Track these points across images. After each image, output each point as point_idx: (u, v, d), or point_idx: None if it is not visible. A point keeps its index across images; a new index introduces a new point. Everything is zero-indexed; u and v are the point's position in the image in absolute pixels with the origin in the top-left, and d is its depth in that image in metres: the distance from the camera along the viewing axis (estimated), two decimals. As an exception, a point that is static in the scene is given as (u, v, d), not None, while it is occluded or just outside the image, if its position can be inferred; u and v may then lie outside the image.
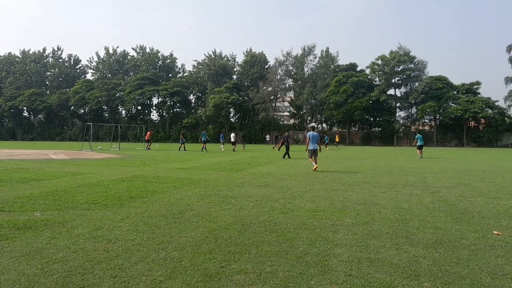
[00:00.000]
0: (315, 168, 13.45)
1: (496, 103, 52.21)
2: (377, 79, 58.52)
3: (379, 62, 57.06)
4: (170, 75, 77.49)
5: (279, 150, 29.68)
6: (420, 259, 4.03)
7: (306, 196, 7.92)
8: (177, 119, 71.03)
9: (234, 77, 70.88)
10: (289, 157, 20.82)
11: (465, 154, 29.11)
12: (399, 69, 55.57)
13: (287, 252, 4.23)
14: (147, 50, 78.35)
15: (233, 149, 31.30)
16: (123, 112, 77.68)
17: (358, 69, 60.94)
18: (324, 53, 63.19)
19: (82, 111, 79.07)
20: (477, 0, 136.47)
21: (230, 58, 73.26)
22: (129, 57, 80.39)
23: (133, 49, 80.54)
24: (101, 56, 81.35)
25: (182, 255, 4.09)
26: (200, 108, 70.69)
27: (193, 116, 67.81)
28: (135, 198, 7.52)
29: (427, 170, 14.26)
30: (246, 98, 65.75)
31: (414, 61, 55.85)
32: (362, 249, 4.36)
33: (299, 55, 62.00)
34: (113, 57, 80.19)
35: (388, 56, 56.10)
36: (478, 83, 54.59)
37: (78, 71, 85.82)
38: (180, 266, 3.78)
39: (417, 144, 23.10)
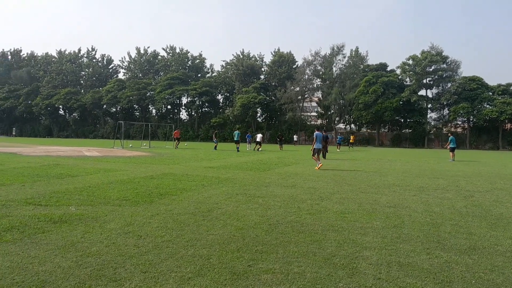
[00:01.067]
0: (320, 167, 13.98)
1: (537, 105, 49.80)
2: (408, 79, 57.14)
3: (410, 62, 55.66)
4: (199, 75, 78.47)
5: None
6: (453, 265, 3.92)
7: (334, 198, 7.85)
8: (205, 118, 71.90)
9: (262, 77, 70.99)
10: (324, 158, 20.60)
11: (500, 157, 27.94)
12: (431, 69, 54.01)
13: (315, 253, 4.21)
14: (177, 50, 79.72)
15: (258, 149, 31.04)
16: (153, 111, 79.43)
17: (388, 69, 59.72)
18: (353, 53, 62.27)
19: (114, 109, 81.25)
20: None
21: (258, 58, 73.43)
22: (159, 57, 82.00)
23: (163, 49, 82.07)
24: (133, 56, 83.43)
25: (210, 253, 4.14)
26: (228, 108, 71.29)
27: (221, 116, 68.48)
28: (165, 195, 7.68)
29: (460, 173, 13.81)
30: (273, 98, 65.72)
31: (447, 61, 54.14)
32: (392, 252, 4.29)
33: (327, 54, 61.40)
34: (144, 57, 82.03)
35: (419, 56, 54.62)
36: (515, 84, 52.25)
37: (110, 70, 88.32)
38: (208, 263, 3.83)
39: (450, 146, 22.52)
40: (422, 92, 56.53)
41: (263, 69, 71.99)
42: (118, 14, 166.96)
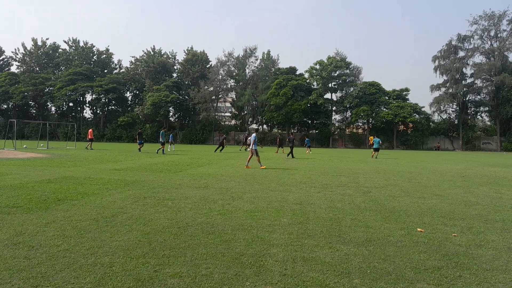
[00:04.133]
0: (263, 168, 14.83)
1: (423, 109, 56.74)
2: (315, 83, 60.64)
3: (317, 66, 59.23)
4: (105, 71, 73.67)
5: (283, 152, 28.96)
6: (351, 257, 4.21)
7: (245, 197, 7.94)
8: (112, 117, 67.85)
9: (174, 75, 69.42)
10: (293, 157, 22.53)
11: (394, 156, 31.11)
12: (336, 74, 58.09)
13: (224, 253, 4.20)
14: (81, 44, 73.93)
15: (246, 149, 31.03)
16: (53, 108, 72.57)
17: (298, 73, 62.70)
18: (265, 56, 64.16)
19: (5, 106, 72.56)
20: (406, 12, 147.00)
21: (170, 56, 71.49)
22: (60, 50, 75.13)
23: (65, 42, 75.18)
24: (28, 48, 75.18)
25: (113, 260, 3.89)
26: (137, 106, 68.25)
27: (129, 115, 65.21)
28: (63, 200, 7.03)
29: (360, 171, 15.03)
30: (186, 97, 64.68)
31: (350, 66, 58.77)
32: (297, 248, 4.46)
33: (240, 56, 62.40)
34: (42, 50, 74.46)
35: (325, 61, 58.42)
36: (407, 89, 58.85)
37: (1, 62, 78.59)
38: (110, 272, 3.59)
39: (373, 147, 26.41)
40: (328, 96, 60.53)
41: (175, 67, 70.43)
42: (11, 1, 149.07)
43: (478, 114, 60.19)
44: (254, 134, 15.43)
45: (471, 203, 7.81)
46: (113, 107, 70.30)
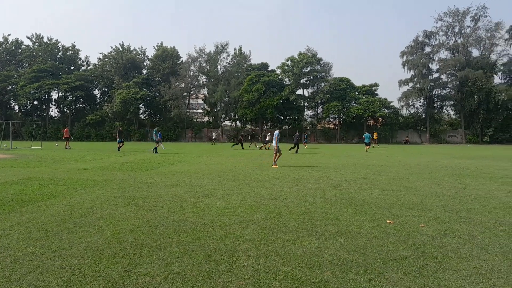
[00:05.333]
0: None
1: (392, 104, 58.23)
2: (287, 79, 61.04)
3: (289, 63, 59.62)
4: (72, 67, 71.27)
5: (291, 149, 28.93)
6: (323, 249, 4.28)
7: (218, 194, 7.92)
8: (80, 115, 65.81)
9: (144, 71, 68.06)
10: (296, 152, 24.41)
11: (364, 150, 31.77)
12: (307, 70, 58.68)
13: (196, 251, 4.18)
14: (45, 39, 71.15)
15: (266, 147, 30.07)
16: (16, 107, 69.68)
17: (270, 69, 62.90)
18: (237, 52, 63.94)
19: (-36, 105, 69.12)
20: (375, 8, 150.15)
21: (139, 52, 69.94)
22: (23, 46, 72.10)
23: (28, 38, 72.18)
24: (-11, 44, 71.68)
25: (82, 262, 3.79)
26: (106, 104, 66.58)
27: (98, 113, 63.45)
28: (29, 202, 6.78)
29: (331, 165, 15.27)
30: (157, 94, 63.60)
31: (321, 63, 59.49)
32: (270, 243, 4.49)
33: (212, 52, 61.90)
34: (3, 46, 71.25)
35: (297, 57, 58.89)
36: (376, 85, 60.19)
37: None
38: (79, 273, 3.50)
39: (365, 141, 28.71)
40: (300, 92, 61.08)
41: (145, 63, 69.08)
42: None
43: (444, 108, 62.37)
44: (277, 131, 14.95)
45: (437, 194, 8.10)
46: (81, 105, 68.22)
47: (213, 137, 48.88)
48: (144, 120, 65.27)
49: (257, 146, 33.28)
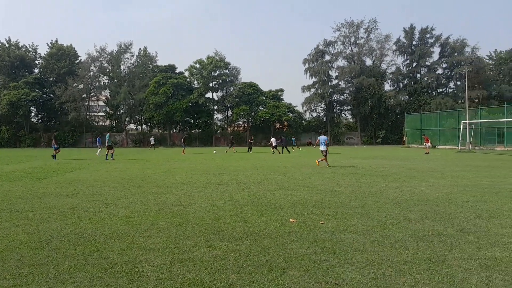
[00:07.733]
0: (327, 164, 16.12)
1: (296, 108, 61.43)
2: (195, 82, 60.51)
3: (197, 65, 59.17)
4: None
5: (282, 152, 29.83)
6: (229, 252, 4.28)
7: (120, 203, 7.47)
8: (-43, 119, 57.13)
9: (36, 71, 61.49)
10: (288, 152, 27.61)
11: (271, 152, 32.90)
12: (216, 74, 58.85)
13: (94, 264, 3.87)
14: None
15: (278, 151, 29.87)
16: None
17: (177, 71, 61.70)
18: (142, 52, 61.48)
19: None
20: (281, 16, 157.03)
21: (30, 49, 63.07)
22: None
23: None
24: None
25: (-51, 291, 3.24)
26: (-10, 107, 58.84)
27: (-20, 116, 55.73)
28: None
29: (240, 168, 15.50)
30: (51, 95, 58.00)
31: (229, 67, 60.19)
32: (175, 250, 4.36)
33: (114, 51, 58.57)
34: None
35: (205, 60, 58.75)
36: (282, 90, 62.89)
37: None
38: None
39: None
40: (209, 95, 60.99)
41: (37, 61, 62.54)
42: None
43: (343, 112, 67.68)
44: (324, 137, 16.97)
45: (336, 192, 8.71)
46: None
47: (152, 142, 44.64)
48: (36, 124, 59.01)
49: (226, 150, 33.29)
